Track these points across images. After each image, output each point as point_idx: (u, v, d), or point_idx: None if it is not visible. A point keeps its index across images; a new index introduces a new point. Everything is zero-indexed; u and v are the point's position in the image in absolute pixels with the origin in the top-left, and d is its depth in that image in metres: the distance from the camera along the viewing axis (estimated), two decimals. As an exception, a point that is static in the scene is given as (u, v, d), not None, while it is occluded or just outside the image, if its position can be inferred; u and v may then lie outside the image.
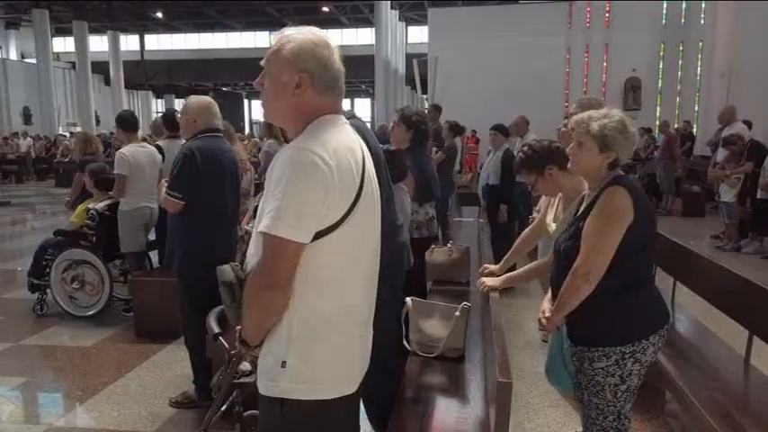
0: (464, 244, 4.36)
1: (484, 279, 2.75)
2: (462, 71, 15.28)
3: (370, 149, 1.62)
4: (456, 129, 7.23)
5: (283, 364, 1.44)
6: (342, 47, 1.57)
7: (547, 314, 2.14)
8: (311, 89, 1.47)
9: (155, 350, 4.25)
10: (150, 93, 33.28)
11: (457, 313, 2.85)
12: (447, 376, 2.75)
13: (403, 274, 2.60)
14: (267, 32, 29.50)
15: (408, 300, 2.91)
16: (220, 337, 2.48)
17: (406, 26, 25.52)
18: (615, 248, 1.93)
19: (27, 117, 25.45)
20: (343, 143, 1.47)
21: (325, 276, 1.44)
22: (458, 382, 2.68)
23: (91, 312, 4.89)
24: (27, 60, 27.68)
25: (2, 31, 28.38)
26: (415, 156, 3.92)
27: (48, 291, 5.01)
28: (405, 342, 2.92)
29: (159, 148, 4.64)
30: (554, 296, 2.11)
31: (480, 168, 12.21)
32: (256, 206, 1.75)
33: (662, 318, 2.06)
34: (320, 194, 1.37)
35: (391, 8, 21.49)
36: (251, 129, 30.02)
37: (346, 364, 1.53)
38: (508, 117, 6.76)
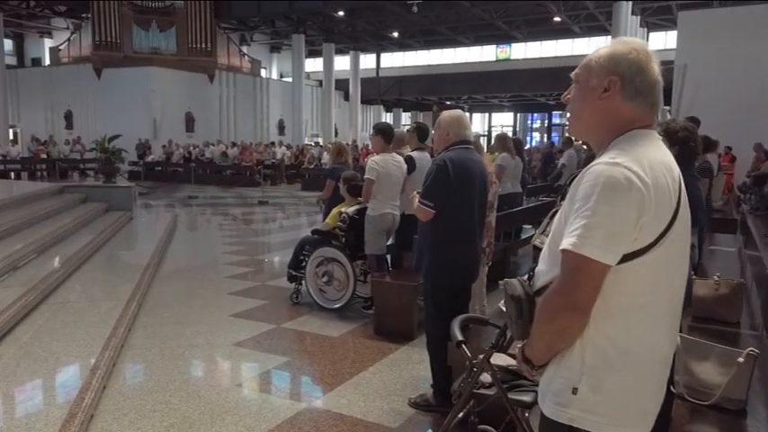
0: (734, 278, 3.77)
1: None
2: (716, 79, 13.44)
3: None
4: (708, 143, 6.37)
5: (574, 390, 1.36)
6: (571, 57, 1.43)
7: None
8: (620, 94, 1.38)
9: (392, 349, 4.48)
10: (381, 107, 35.87)
11: (740, 359, 2.45)
12: (724, 430, 2.38)
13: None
14: (494, 46, 29.72)
15: (677, 336, 2.59)
16: (463, 345, 2.50)
17: (648, 32, 23.46)
18: None
19: (281, 128, 29.71)
20: (660, 159, 1.35)
21: (628, 304, 1.33)
22: (739, 440, 2.30)
23: (336, 306, 5.36)
24: (284, 79, 32.27)
25: (267, 55, 33.57)
26: (680, 175, 3.52)
27: (303, 282, 5.63)
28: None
29: (411, 158, 4.87)
30: None
31: (737, 190, 10.64)
32: (549, 222, 1.70)
33: None
34: (634, 215, 1.27)
35: (632, 13, 19.96)
36: (471, 142, 30.52)
37: (641, 402, 1.39)
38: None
